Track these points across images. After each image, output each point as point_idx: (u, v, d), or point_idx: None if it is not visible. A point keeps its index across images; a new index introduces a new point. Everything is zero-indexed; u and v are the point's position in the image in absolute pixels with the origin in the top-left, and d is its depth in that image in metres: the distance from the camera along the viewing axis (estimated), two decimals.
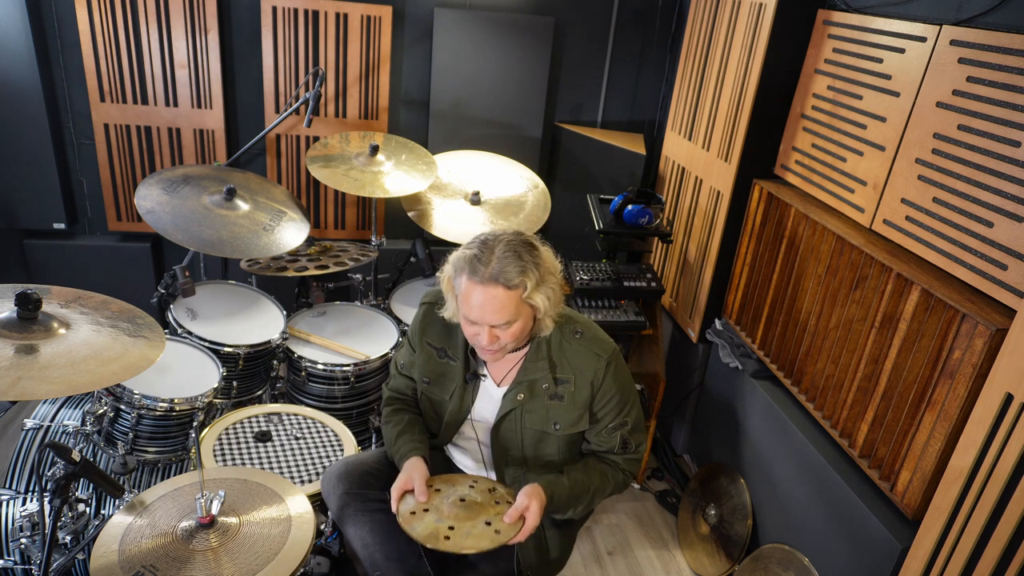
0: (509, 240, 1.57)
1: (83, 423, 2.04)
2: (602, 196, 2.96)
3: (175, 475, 1.99)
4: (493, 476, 1.81)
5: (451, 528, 1.54)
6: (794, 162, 2.41)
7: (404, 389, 1.92)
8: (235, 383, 2.39)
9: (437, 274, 1.70)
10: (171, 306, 2.40)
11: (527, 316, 1.61)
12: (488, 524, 1.55)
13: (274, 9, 3.02)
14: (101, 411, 2.03)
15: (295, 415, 2.22)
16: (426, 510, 1.59)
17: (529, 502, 1.58)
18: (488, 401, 1.78)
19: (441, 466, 1.91)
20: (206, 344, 2.30)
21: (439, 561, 1.70)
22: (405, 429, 1.80)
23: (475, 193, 2.87)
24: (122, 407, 2.02)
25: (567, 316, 1.74)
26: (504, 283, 1.53)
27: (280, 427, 2.16)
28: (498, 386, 1.77)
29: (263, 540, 1.55)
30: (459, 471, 1.92)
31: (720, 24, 2.72)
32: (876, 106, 2.02)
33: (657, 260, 3.25)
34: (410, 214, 2.81)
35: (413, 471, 1.66)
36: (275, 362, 2.54)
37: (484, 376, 1.78)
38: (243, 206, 2.55)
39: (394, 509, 1.61)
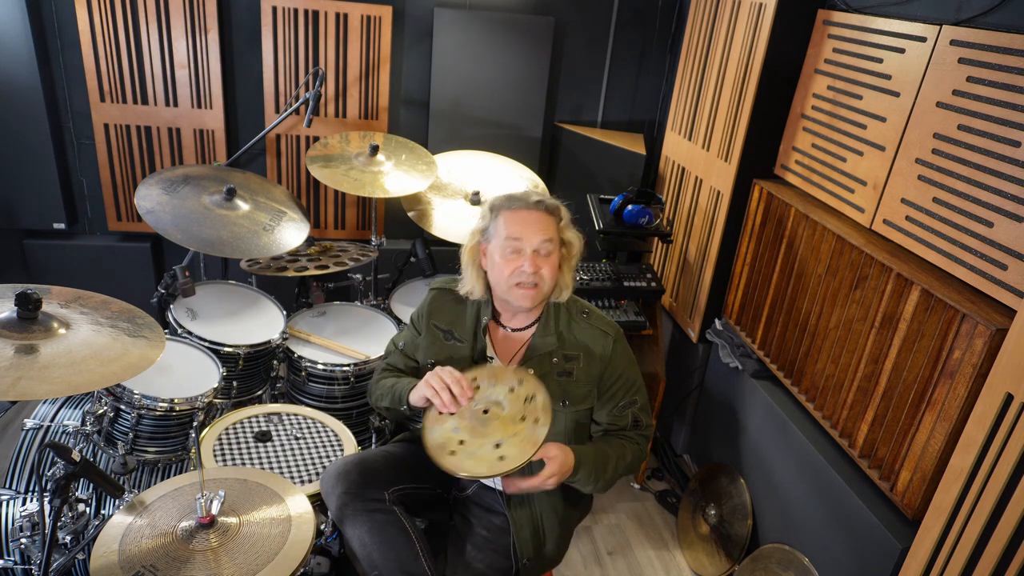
0: (539, 189, 1.70)
1: (83, 423, 2.04)
2: (602, 196, 2.96)
3: (175, 475, 1.99)
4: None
5: (461, 443, 1.56)
6: (794, 162, 2.41)
7: (400, 366, 1.94)
8: (235, 383, 2.39)
9: (445, 271, 1.75)
10: (171, 306, 2.40)
11: (558, 255, 1.72)
12: (497, 447, 1.53)
13: (274, 9, 3.02)
14: (101, 411, 2.03)
15: (295, 415, 2.22)
16: (452, 413, 1.62)
17: (557, 451, 1.60)
18: None
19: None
20: (206, 344, 2.30)
21: (436, 559, 1.70)
22: (404, 378, 1.83)
23: (475, 193, 2.87)
24: (122, 407, 2.02)
25: (574, 299, 1.83)
26: (546, 207, 1.72)
27: (280, 427, 2.16)
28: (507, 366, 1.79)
29: (263, 540, 1.55)
30: None
31: (720, 24, 2.72)
32: (876, 106, 2.02)
33: (657, 260, 3.25)
34: (410, 214, 2.81)
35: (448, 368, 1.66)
36: (275, 362, 2.54)
37: (492, 358, 1.80)
38: (243, 206, 2.55)
39: (427, 426, 1.62)
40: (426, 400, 1.66)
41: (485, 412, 1.61)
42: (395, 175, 2.80)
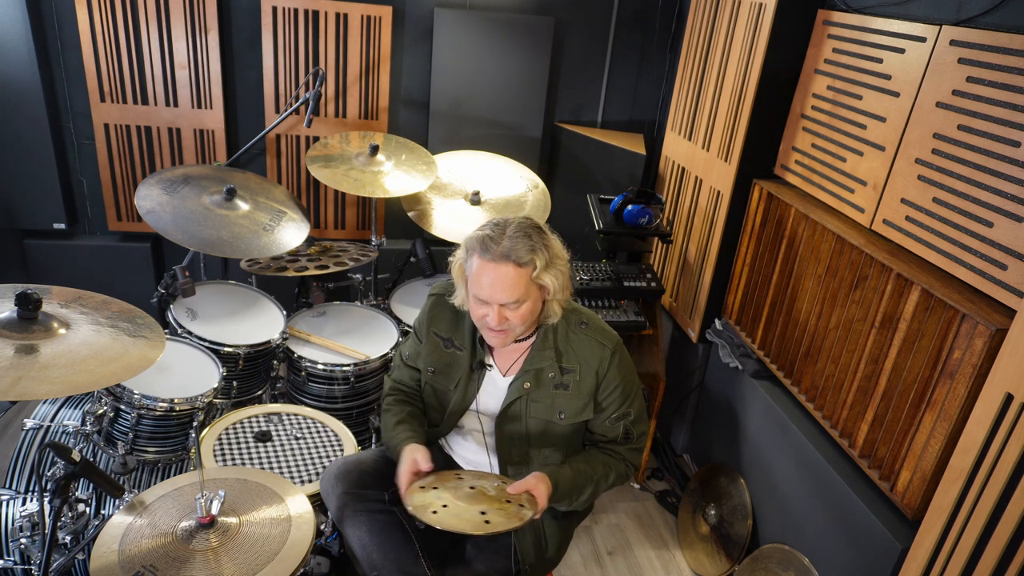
0: (520, 222, 1.62)
1: (83, 423, 2.04)
2: (602, 196, 2.96)
3: (175, 475, 1.99)
4: (496, 466, 1.82)
5: (444, 506, 1.52)
6: (794, 162, 2.41)
7: (407, 381, 1.92)
8: (235, 383, 2.39)
9: (445, 271, 1.71)
10: (171, 306, 2.40)
11: (536, 298, 1.64)
12: (483, 514, 1.51)
13: (274, 9, 3.02)
14: (101, 411, 2.03)
15: (295, 415, 2.22)
16: (435, 487, 1.59)
17: (537, 483, 1.60)
18: (493, 391, 1.79)
19: (440, 463, 1.92)
20: (206, 344, 2.30)
21: (437, 561, 1.70)
22: (405, 419, 1.81)
23: (475, 193, 2.87)
24: (122, 407, 2.02)
25: (573, 308, 1.78)
26: (515, 260, 1.57)
27: (280, 427, 2.16)
28: (504, 376, 1.78)
29: (263, 540, 1.55)
30: (458, 467, 1.92)
31: (720, 24, 2.72)
32: (876, 106, 2.02)
33: (657, 260, 3.25)
34: (410, 214, 2.81)
35: (416, 453, 1.66)
36: (275, 362, 2.54)
37: (490, 366, 1.79)
38: (243, 206, 2.55)
39: (402, 491, 1.60)
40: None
41: (472, 488, 1.61)
42: (395, 175, 2.80)
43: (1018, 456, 1.41)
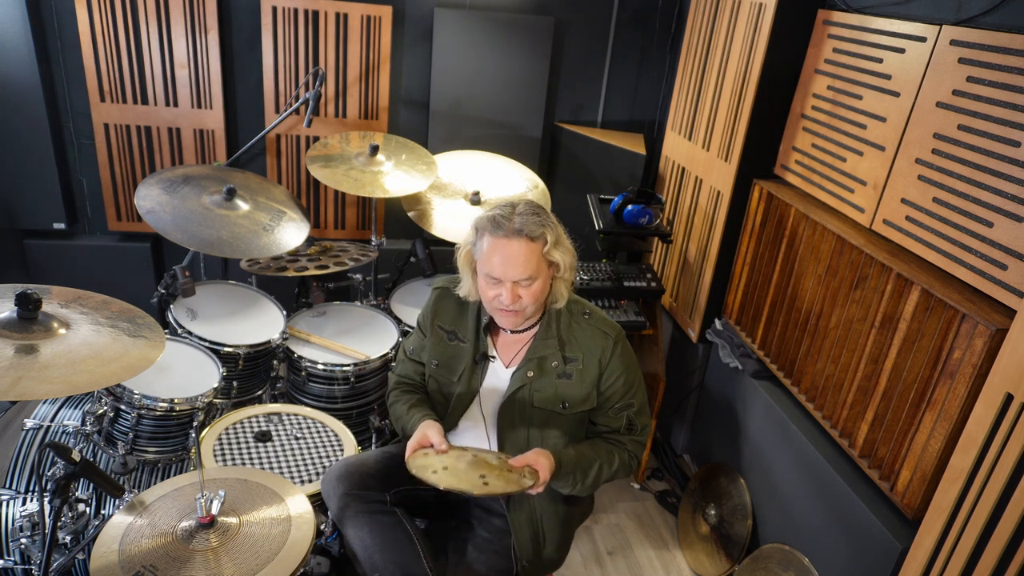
0: (527, 202, 1.68)
1: (83, 423, 2.04)
2: (602, 196, 2.96)
3: (175, 475, 1.99)
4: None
5: (445, 468, 1.56)
6: (794, 162, 2.41)
7: (412, 375, 1.94)
8: (235, 383, 2.39)
9: (445, 271, 1.72)
10: (171, 306, 2.40)
11: (546, 276, 1.68)
12: (482, 477, 1.54)
13: (274, 9, 3.02)
14: (101, 411, 2.03)
15: (295, 415, 2.22)
16: (439, 453, 1.62)
17: (538, 457, 1.61)
18: (496, 382, 1.80)
19: None
20: (206, 344, 2.30)
21: (437, 560, 1.70)
22: (416, 404, 1.83)
23: (475, 193, 2.87)
24: (122, 407, 2.02)
25: (576, 299, 1.81)
26: (528, 235, 1.61)
27: (280, 427, 2.16)
28: (507, 367, 1.79)
29: (263, 540, 1.55)
30: None
31: (720, 24, 2.72)
32: (876, 106, 2.02)
33: (657, 260, 3.25)
34: (410, 214, 2.81)
35: (428, 428, 1.67)
36: (275, 362, 2.54)
37: (493, 357, 1.80)
38: (243, 206, 2.55)
39: (407, 456, 1.62)
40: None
41: (474, 456, 1.63)
42: (395, 175, 2.80)
43: (1018, 456, 1.41)
